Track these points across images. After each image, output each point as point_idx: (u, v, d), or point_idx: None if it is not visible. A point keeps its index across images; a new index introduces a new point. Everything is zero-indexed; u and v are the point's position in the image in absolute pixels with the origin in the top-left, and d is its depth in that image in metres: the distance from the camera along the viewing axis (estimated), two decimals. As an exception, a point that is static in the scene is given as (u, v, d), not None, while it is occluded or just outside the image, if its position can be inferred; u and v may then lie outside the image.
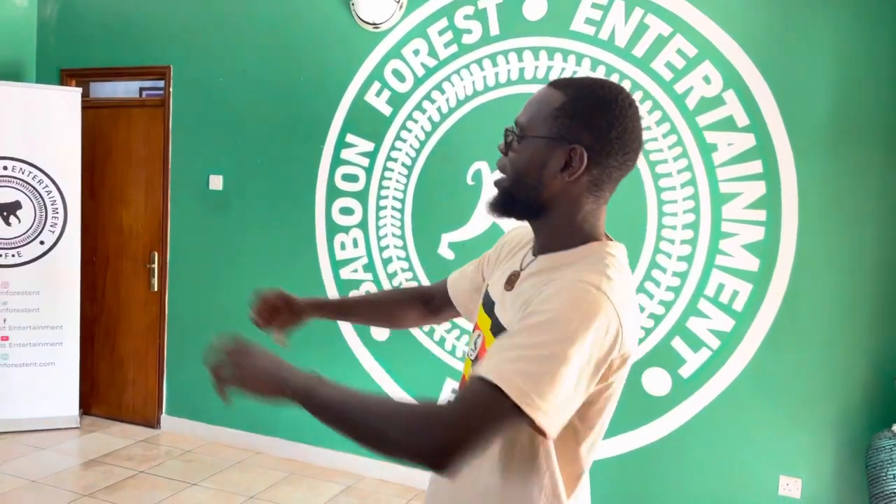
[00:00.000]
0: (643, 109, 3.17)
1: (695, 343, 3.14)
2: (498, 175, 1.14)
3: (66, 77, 4.53)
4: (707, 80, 3.08)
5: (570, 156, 1.05)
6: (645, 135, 3.16)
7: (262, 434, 4.04)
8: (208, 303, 4.20)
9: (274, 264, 4.01)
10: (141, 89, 5.05)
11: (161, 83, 4.47)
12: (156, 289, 4.34)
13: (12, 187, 4.14)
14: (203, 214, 4.20)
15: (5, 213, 4.14)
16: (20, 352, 4.16)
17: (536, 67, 3.35)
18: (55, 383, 4.24)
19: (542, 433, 0.94)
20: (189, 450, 4.01)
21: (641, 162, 3.17)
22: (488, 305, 1.21)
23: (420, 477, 3.43)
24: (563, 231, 1.10)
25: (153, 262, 4.34)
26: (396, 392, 3.69)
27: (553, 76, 3.32)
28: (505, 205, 1.13)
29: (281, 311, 1.48)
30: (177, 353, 4.31)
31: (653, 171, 3.18)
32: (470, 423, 0.92)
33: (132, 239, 4.44)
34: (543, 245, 1.13)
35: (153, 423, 4.36)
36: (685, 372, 3.16)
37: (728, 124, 3.06)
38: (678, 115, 3.13)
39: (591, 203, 1.09)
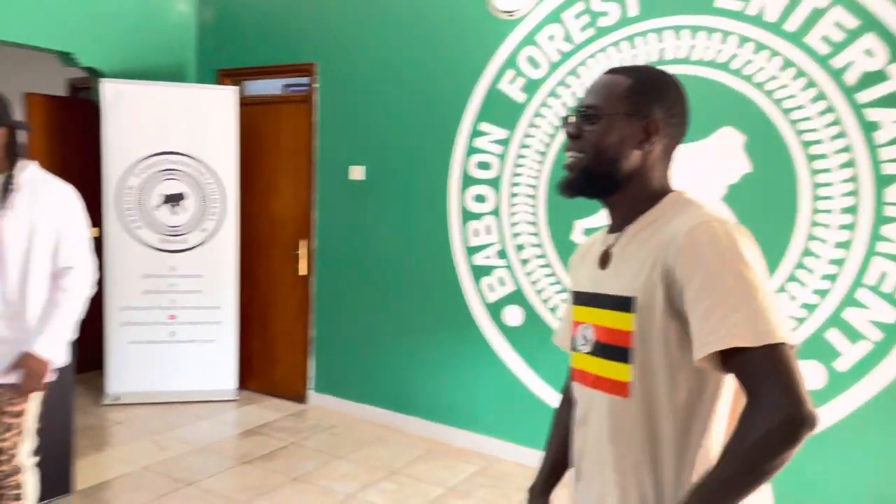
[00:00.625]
0: (796, 87, 2.99)
1: (852, 335, 2.93)
2: (570, 158, 1.21)
3: (222, 77, 4.90)
4: (869, 53, 2.85)
5: (647, 128, 1.17)
6: (798, 114, 2.99)
7: (400, 412, 4.22)
8: (351, 286, 4.42)
9: (410, 252, 4.16)
10: (285, 86, 5.38)
11: (304, 79, 4.74)
12: (304, 273, 4.63)
13: (178, 180, 4.55)
14: (345, 203, 4.42)
15: (172, 203, 4.56)
16: (186, 329, 4.59)
17: (678, 48, 3.24)
18: (215, 359, 4.64)
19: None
20: (334, 424, 4.26)
21: (795, 143, 3.00)
22: (583, 298, 1.26)
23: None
24: (643, 199, 1.19)
25: (301, 249, 4.62)
26: (530, 377, 3.73)
27: (696, 56, 3.20)
28: (585, 183, 1.21)
29: None
30: (323, 334, 4.58)
31: (806, 153, 2.99)
32: (797, 384, 0.98)
33: (282, 227, 4.75)
34: (626, 217, 1.21)
35: (301, 398, 4.67)
36: (841, 365, 2.96)
37: (893, 100, 2.82)
38: (836, 92, 2.92)
39: (661, 171, 1.21)
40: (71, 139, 4.77)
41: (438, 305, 4.06)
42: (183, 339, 4.57)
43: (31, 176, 2.26)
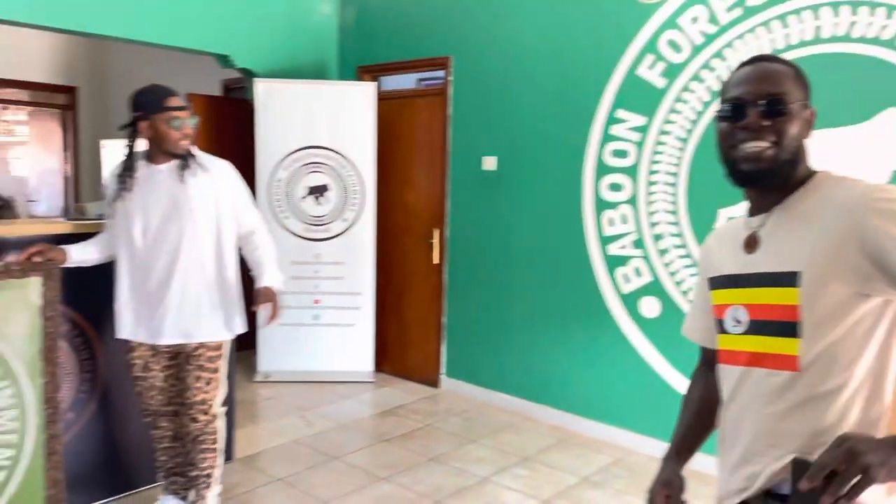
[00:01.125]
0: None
1: None
2: (754, 148, 1.20)
3: (361, 73, 5.12)
4: None
5: (811, 116, 1.24)
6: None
7: (532, 401, 4.26)
8: (482, 275, 4.51)
9: (542, 241, 4.18)
10: (419, 80, 5.53)
11: (436, 73, 4.86)
12: (437, 262, 4.76)
13: (322, 172, 4.81)
14: (477, 194, 4.50)
15: (316, 195, 4.83)
16: (328, 314, 4.86)
17: (836, 24, 3.05)
18: (354, 342, 4.88)
19: None
20: (466, 409, 4.37)
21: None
22: (731, 281, 1.27)
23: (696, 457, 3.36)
24: (795, 182, 1.23)
25: (434, 238, 4.76)
26: (667, 370, 3.66)
27: (857, 33, 2.99)
28: (779, 173, 1.21)
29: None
30: (455, 321, 4.70)
31: None
32: None
33: (416, 217, 4.91)
34: (773, 200, 1.24)
35: (434, 382, 4.81)
36: None
37: None
38: None
39: (807, 154, 1.25)
40: (227, 136, 5.16)
41: (571, 295, 4.05)
42: (326, 323, 4.84)
43: (200, 155, 2.58)
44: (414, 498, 3.15)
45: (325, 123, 4.77)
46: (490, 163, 4.40)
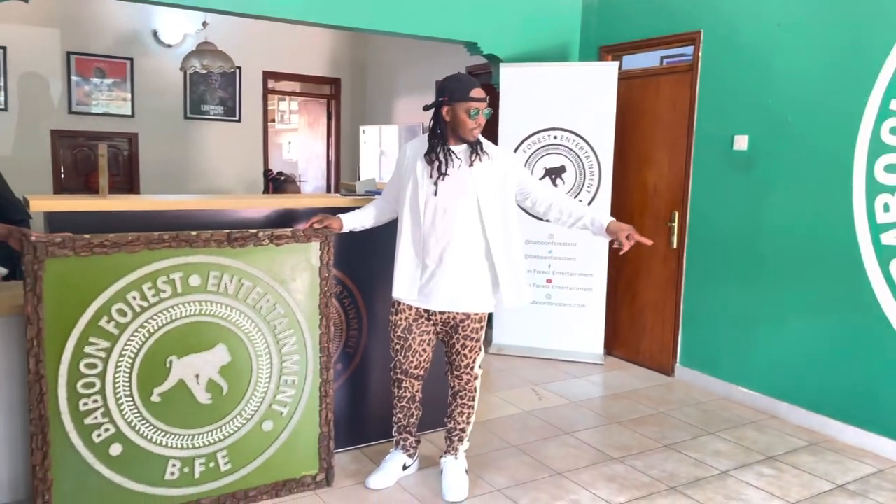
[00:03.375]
0: None
1: None
2: None
3: (603, 53, 5.08)
4: None
5: None
6: None
7: (778, 399, 3.96)
8: (726, 261, 4.26)
9: (799, 227, 3.84)
10: (662, 58, 5.34)
11: (683, 50, 4.65)
12: (675, 246, 4.60)
13: (559, 154, 4.87)
14: (725, 175, 4.26)
15: (553, 176, 4.91)
16: (560, 293, 4.93)
17: None
18: (585, 324, 4.89)
19: None
20: (703, 401, 4.19)
21: None
22: None
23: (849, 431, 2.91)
24: None
25: (673, 221, 4.59)
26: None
27: None
28: None
29: None
30: (693, 308, 4.51)
31: None
32: None
33: (655, 198, 4.77)
34: None
35: (667, 371, 4.67)
36: None
37: None
38: None
39: None
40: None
41: (832, 288, 3.68)
42: (557, 303, 4.92)
43: (485, 143, 2.80)
44: (648, 482, 3.11)
45: (564, 105, 4.81)
46: (741, 142, 4.13)
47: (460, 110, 2.66)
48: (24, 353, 2.41)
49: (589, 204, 4.80)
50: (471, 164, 2.72)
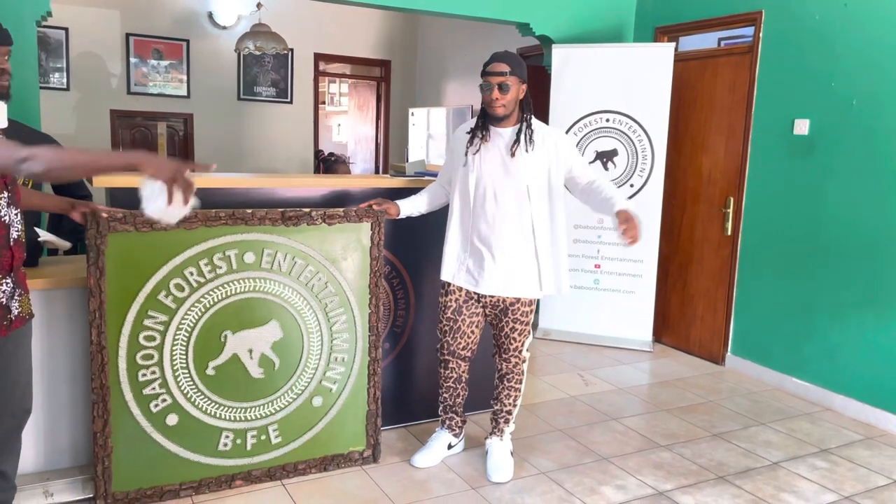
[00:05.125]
0: None
1: None
2: None
3: (659, 34, 4.96)
4: None
5: None
6: None
7: (832, 391, 3.85)
8: (783, 249, 4.15)
9: (862, 215, 3.71)
10: (720, 39, 5.19)
11: (742, 31, 4.50)
12: (729, 233, 4.49)
13: (612, 137, 4.79)
14: (784, 160, 4.13)
15: (605, 160, 4.83)
16: (609, 279, 4.87)
17: None
18: (634, 310, 4.83)
19: None
20: (754, 391, 4.11)
21: None
22: None
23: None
24: None
25: (728, 207, 4.48)
26: None
27: None
28: None
29: None
30: (746, 297, 4.41)
31: None
32: None
33: (709, 184, 4.66)
34: None
35: (718, 359, 4.59)
36: None
37: None
38: None
39: None
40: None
41: (895, 279, 3.56)
42: (606, 288, 4.87)
43: (537, 125, 2.76)
44: (697, 470, 3.07)
45: (618, 87, 4.72)
46: (802, 126, 4.00)
47: (481, 86, 2.69)
48: (86, 325, 2.50)
49: (641, 188, 4.72)
50: (517, 146, 2.68)
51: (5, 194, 1.96)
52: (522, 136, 2.69)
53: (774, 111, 4.17)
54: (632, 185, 4.77)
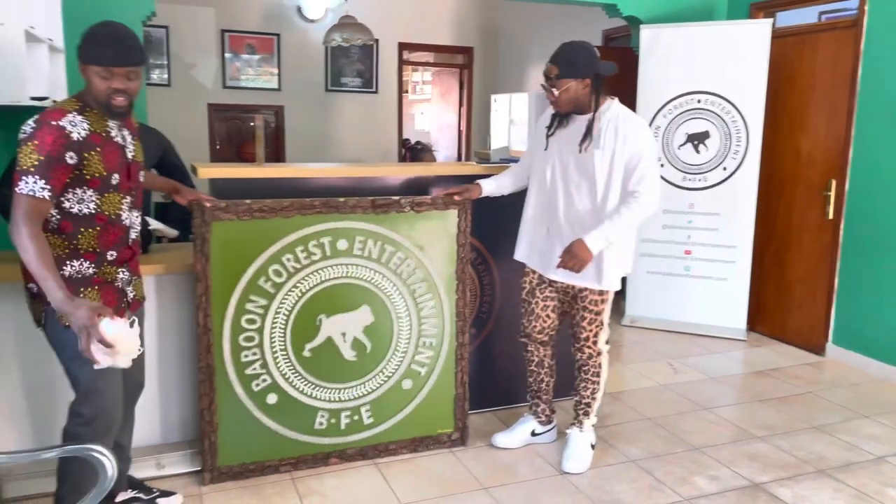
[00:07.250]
0: None
1: None
2: None
3: (754, 10, 4.75)
4: None
5: None
6: None
7: (947, 384, 3.63)
8: (889, 235, 3.92)
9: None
10: (820, 13, 4.91)
11: (846, 4, 4.25)
12: (831, 217, 4.28)
13: (703, 118, 4.64)
14: (892, 141, 3.89)
15: (696, 142, 4.69)
16: (700, 265, 4.73)
17: None
18: (726, 297, 4.67)
19: None
20: (857, 383, 3.91)
21: None
22: None
23: None
24: None
25: (829, 190, 4.27)
26: None
27: None
28: None
29: None
30: (849, 284, 4.19)
31: None
32: None
33: (809, 166, 4.45)
34: None
35: (818, 349, 4.39)
36: None
37: None
38: None
39: None
40: (608, 85, 5.25)
41: None
42: (696, 275, 4.73)
43: (614, 113, 2.65)
44: (795, 463, 2.96)
45: (709, 67, 4.56)
46: (913, 103, 3.76)
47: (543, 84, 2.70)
48: (192, 308, 2.66)
49: (735, 171, 4.55)
50: (589, 135, 2.61)
51: (128, 199, 2.11)
52: (592, 130, 2.62)
53: (881, 89, 3.93)
54: (724, 168, 4.61)
